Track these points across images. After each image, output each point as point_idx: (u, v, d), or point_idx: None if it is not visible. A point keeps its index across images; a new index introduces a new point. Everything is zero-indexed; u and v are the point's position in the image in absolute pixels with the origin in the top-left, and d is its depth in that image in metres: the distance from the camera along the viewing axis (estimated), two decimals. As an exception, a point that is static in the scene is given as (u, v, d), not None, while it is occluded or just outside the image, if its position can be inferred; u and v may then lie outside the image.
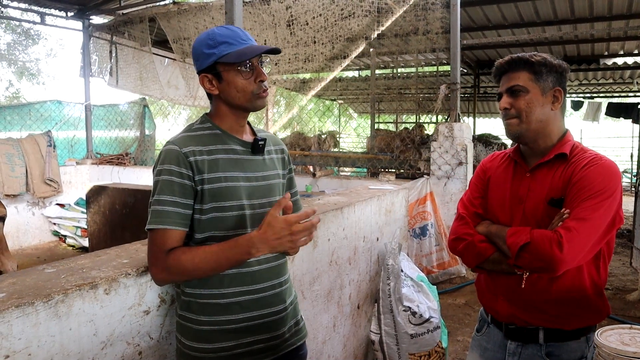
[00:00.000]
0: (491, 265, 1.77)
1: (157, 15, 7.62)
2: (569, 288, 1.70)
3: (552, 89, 1.74)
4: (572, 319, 1.73)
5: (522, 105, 1.73)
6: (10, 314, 1.37)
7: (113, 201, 5.03)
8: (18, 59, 15.72)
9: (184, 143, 1.56)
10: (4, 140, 7.27)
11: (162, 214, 1.50)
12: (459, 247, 1.87)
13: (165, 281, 1.60)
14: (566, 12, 7.23)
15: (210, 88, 1.61)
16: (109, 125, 9.37)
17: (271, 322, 1.65)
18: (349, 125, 19.46)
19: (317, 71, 7.04)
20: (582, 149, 1.75)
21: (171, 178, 1.51)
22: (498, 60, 1.82)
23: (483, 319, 1.99)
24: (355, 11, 6.26)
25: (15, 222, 7.22)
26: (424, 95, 6.64)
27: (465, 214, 1.91)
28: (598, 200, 1.59)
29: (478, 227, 1.85)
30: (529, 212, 1.75)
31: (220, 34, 1.58)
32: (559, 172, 1.72)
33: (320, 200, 3.44)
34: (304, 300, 2.78)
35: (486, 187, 1.94)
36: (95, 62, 8.79)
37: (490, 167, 1.97)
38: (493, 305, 1.87)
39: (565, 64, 1.77)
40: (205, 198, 1.55)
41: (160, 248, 1.50)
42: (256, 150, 1.67)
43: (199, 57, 1.60)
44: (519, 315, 1.77)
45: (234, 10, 2.66)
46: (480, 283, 1.96)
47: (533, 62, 1.72)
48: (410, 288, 3.49)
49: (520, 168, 1.84)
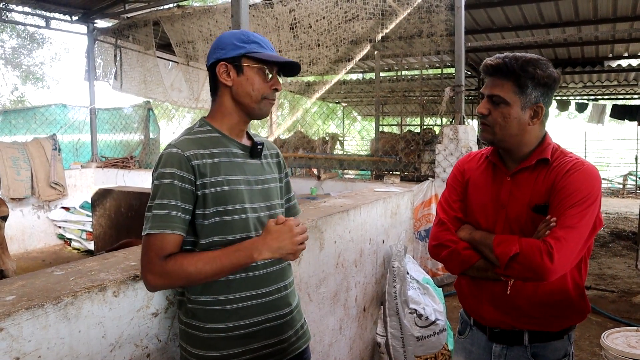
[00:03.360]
0: (476, 272, 1.76)
1: (161, 19, 7.66)
2: (553, 292, 1.71)
3: (534, 104, 1.69)
4: (557, 320, 1.75)
5: (499, 118, 1.70)
6: (20, 316, 1.38)
7: (118, 204, 5.04)
8: (23, 63, 15.79)
9: (186, 146, 1.54)
10: (10, 144, 7.29)
11: (164, 219, 1.46)
12: (441, 254, 1.84)
13: (160, 288, 1.54)
14: (570, 14, 7.22)
15: (225, 78, 1.60)
16: (114, 129, 9.39)
17: (278, 326, 1.64)
18: (353, 128, 19.44)
19: (321, 74, 7.06)
20: (562, 152, 1.74)
21: (173, 182, 1.49)
22: (487, 59, 1.76)
23: (465, 322, 1.97)
24: (359, 14, 6.27)
25: (20, 226, 7.25)
26: (429, 97, 6.64)
27: (446, 218, 1.87)
28: (584, 207, 1.60)
29: (460, 233, 1.82)
30: (511, 217, 1.73)
31: (253, 34, 1.63)
32: (541, 177, 1.71)
33: (326, 202, 3.44)
34: (310, 302, 2.78)
35: (465, 189, 1.90)
36: (100, 65, 8.83)
37: (468, 168, 1.93)
38: (477, 310, 1.85)
39: (556, 74, 1.71)
40: (208, 202, 1.53)
41: (158, 253, 1.45)
42: (254, 154, 1.67)
43: (227, 47, 1.60)
44: (505, 320, 1.77)
45: (240, 13, 2.67)
46: (462, 287, 1.93)
47: (520, 74, 1.66)
48: (416, 290, 3.48)
49: (499, 171, 1.81)
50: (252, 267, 1.58)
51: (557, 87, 1.76)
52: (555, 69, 1.74)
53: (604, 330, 3.12)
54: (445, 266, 1.89)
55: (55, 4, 7.87)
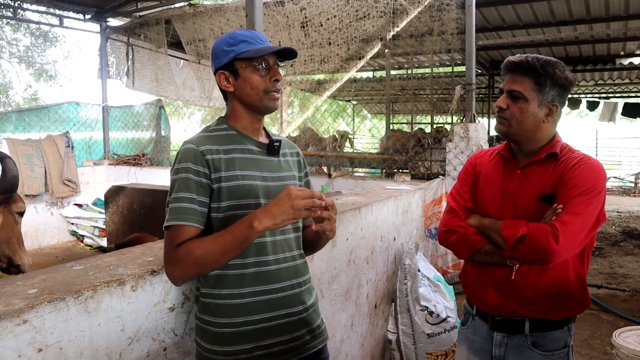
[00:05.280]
0: (483, 257, 1.84)
1: (172, 17, 7.71)
2: (556, 280, 1.78)
3: (550, 102, 1.79)
4: (557, 309, 1.81)
5: (516, 112, 1.80)
6: (43, 308, 1.41)
7: (131, 201, 5.10)
8: (36, 61, 15.96)
9: (201, 142, 1.58)
10: (24, 141, 7.38)
11: (179, 211, 1.50)
12: (450, 239, 1.92)
13: (178, 277, 1.52)
14: (582, 12, 7.18)
15: (226, 85, 1.64)
16: (126, 126, 9.48)
17: (290, 323, 1.64)
18: (363, 127, 19.43)
19: (332, 72, 7.08)
20: (569, 149, 1.84)
21: (188, 175, 1.52)
22: (510, 57, 1.87)
23: (467, 312, 2.04)
24: (370, 12, 6.28)
25: (34, 222, 7.34)
26: (439, 96, 6.63)
27: (456, 206, 1.96)
28: (589, 196, 1.68)
29: (469, 220, 1.91)
30: (520, 207, 1.81)
31: (240, 33, 1.63)
32: (549, 170, 1.80)
33: (338, 200, 3.47)
34: (323, 299, 2.80)
35: (476, 182, 1.99)
36: (113, 64, 8.90)
37: (480, 162, 2.02)
38: (481, 296, 1.92)
39: (572, 77, 1.80)
40: (222, 196, 1.55)
41: (172, 244, 1.49)
42: (272, 151, 1.69)
43: (219, 55, 1.63)
44: (507, 306, 1.84)
45: (255, 12, 2.69)
46: (467, 275, 2.00)
47: (540, 72, 1.76)
48: (427, 288, 3.50)
49: (510, 164, 1.91)
50: (264, 262, 1.60)
51: (571, 90, 1.85)
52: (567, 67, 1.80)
53: (615, 329, 3.12)
54: (453, 251, 1.97)
55: (68, 2, 7.94)
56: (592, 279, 5.87)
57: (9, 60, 15.69)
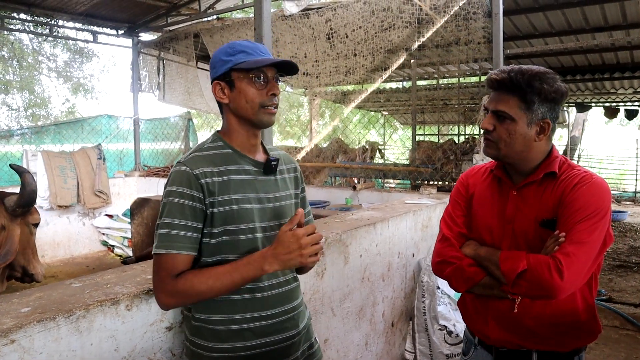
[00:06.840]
0: (482, 289, 1.69)
1: (201, 31, 7.83)
2: (563, 311, 1.64)
3: (541, 120, 1.64)
4: (566, 340, 1.67)
5: (504, 135, 1.65)
6: (32, 328, 1.41)
7: (155, 213, 5.12)
8: (73, 75, 16.50)
9: (195, 164, 1.52)
10: (58, 153, 7.59)
11: (171, 238, 1.45)
12: (445, 271, 1.77)
13: (172, 306, 1.52)
14: (617, 18, 6.93)
15: (221, 97, 1.58)
16: (156, 138, 9.66)
17: (284, 347, 1.59)
18: (396, 137, 19.27)
19: (358, 83, 7.04)
20: (569, 165, 1.68)
21: (182, 201, 1.47)
22: (492, 72, 1.71)
23: (469, 341, 1.90)
24: (396, 23, 6.21)
25: (66, 232, 7.53)
26: (466, 106, 6.51)
27: (450, 234, 1.81)
28: (593, 221, 1.53)
29: (464, 249, 1.76)
30: (518, 233, 1.67)
31: (240, 43, 1.57)
32: (548, 191, 1.65)
33: (354, 215, 3.40)
34: (334, 317, 2.74)
35: (469, 204, 1.84)
36: (145, 77, 9.09)
37: (473, 182, 1.87)
38: (482, 329, 1.79)
39: (563, 88, 1.64)
40: (215, 221, 1.50)
41: (169, 273, 1.44)
42: (268, 170, 1.62)
43: (216, 64, 1.58)
44: (511, 340, 1.71)
45: (263, 26, 2.68)
46: (466, 305, 1.87)
47: (526, 90, 1.60)
48: (447, 306, 3.39)
49: (505, 185, 1.76)
50: (258, 288, 1.55)
51: (564, 101, 1.69)
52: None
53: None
54: (449, 284, 1.81)
55: (102, 18, 8.18)
56: (629, 297, 5.62)
57: (47, 75, 16.27)
